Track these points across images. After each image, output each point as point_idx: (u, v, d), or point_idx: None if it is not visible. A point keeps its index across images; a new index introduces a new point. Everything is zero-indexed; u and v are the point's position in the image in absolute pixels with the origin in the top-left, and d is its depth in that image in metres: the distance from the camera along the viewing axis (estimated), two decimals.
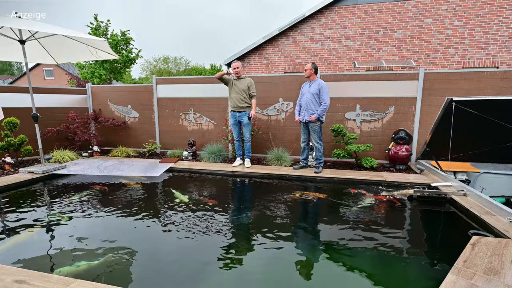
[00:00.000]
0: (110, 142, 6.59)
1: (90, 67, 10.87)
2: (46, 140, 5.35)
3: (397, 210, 3.26)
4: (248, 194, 4.16)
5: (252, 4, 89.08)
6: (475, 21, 8.55)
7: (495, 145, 3.90)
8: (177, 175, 4.77)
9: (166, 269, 2.10)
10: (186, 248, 2.43)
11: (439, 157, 4.30)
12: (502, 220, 2.60)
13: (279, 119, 5.64)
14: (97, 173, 4.57)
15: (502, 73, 4.62)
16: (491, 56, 8.60)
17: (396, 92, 5.06)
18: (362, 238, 2.53)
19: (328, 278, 2.02)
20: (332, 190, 3.99)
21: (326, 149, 5.04)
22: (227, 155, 5.63)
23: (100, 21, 10.90)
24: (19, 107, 5.39)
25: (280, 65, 10.29)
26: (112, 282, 1.76)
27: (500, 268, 1.83)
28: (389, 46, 9.28)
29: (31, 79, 4.63)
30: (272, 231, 2.65)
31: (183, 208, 3.21)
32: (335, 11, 9.50)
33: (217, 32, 77.40)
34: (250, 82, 4.77)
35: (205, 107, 6.02)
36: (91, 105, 6.63)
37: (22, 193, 3.82)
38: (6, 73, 50.27)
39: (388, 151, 4.94)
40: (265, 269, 2.12)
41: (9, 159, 4.70)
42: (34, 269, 1.91)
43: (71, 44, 4.79)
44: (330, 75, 5.34)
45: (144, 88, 6.40)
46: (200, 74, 31.64)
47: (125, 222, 2.89)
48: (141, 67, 35.31)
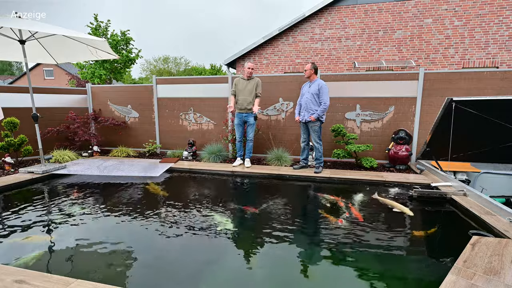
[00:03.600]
0: (110, 142, 6.59)
1: (90, 67, 10.86)
2: (46, 140, 5.35)
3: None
4: (249, 194, 4.16)
5: (252, 4, 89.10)
6: (475, 21, 8.55)
7: (495, 145, 3.89)
8: (177, 175, 4.77)
9: (167, 268, 2.10)
10: (187, 247, 2.43)
11: (439, 157, 4.30)
12: (502, 220, 2.60)
13: (279, 119, 5.64)
14: (97, 173, 4.56)
15: (502, 73, 4.61)
16: (491, 56, 8.59)
17: (396, 92, 5.06)
18: (361, 238, 2.52)
19: (328, 278, 2.02)
20: (333, 190, 3.99)
21: (326, 149, 5.04)
22: (227, 155, 5.63)
23: (100, 21, 10.89)
24: (19, 107, 5.39)
25: (280, 65, 10.29)
26: (112, 282, 1.76)
27: (500, 268, 1.83)
28: (389, 46, 9.27)
29: (31, 79, 4.63)
30: (273, 231, 2.65)
31: (184, 208, 3.21)
32: (335, 11, 9.50)
33: (217, 32, 77.45)
34: (257, 82, 4.83)
35: (205, 107, 6.02)
36: (91, 105, 6.63)
37: (22, 193, 3.82)
38: (6, 73, 50.27)
39: (388, 151, 4.94)
40: (265, 269, 2.12)
41: (9, 159, 4.70)
42: (33, 269, 1.91)
43: (71, 44, 4.79)
44: (330, 75, 5.34)
45: (144, 88, 6.40)
46: (200, 74, 31.62)
47: (125, 222, 2.89)
48: (141, 67, 35.33)
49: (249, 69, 4.76)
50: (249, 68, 4.76)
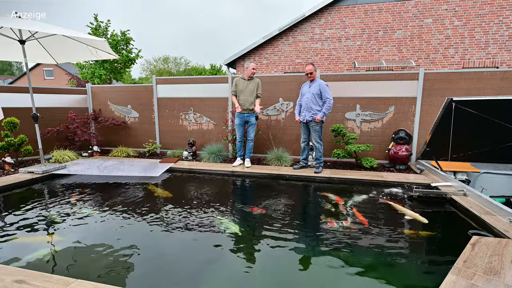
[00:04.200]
0: (110, 142, 6.59)
1: (90, 67, 10.87)
2: (46, 140, 5.35)
3: (397, 209, 3.25)
4: (249, 193, 4.16)
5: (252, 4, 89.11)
6: (475, 21, 8.55)
7: (495, 145, 3.89)
8: (177, 175, 4.77)
9: (167, 268, 2.10)
10: (187, 247, 2.43)
11: (439, 157, 4.30)
12: (502, 220, 2.60)
13: (279, 119, 5.64)
14: (97, 173, 4.56)
15: (502, 73, 4.61)
16: (491, 56, 8.60)
17: (396, 92, 5.06)
18: (361, 238, 2.52)
19: (328, 278, 2.02)
20: (334, 190, 3.99)
21: (326, 149, 5.04)
22: (227, 155, 5.63)
23: (100, 21, 10.90)
24: (19, 107, 5.39)
25: (280, 65, 10.29)
26: (112, 282, 1.76)
27: (500, 268, 1.83)
28: (389, 46, 9.28)
29: (31, 79, 4.63)
30: (273, 231, 2.65)
31: (184, 208, 3.21)
32: (335, 11, 9.50)
33: (217, 32, 77.48)
34: (258, 83, 4.86)
35: (205, 107, 6.02)
36: (91, 105, 6.63)
37: (22, 193, 3.82)
38: (6, 73, 50.27)
39: (388, 151, 4.94)
40: (266, 269, 2.12)
41: (9, 159, 4.70)
42: (34, 269, 1.91)
43: (71, 44, 4.79)
44: (330, 75, 5.34)
45: (144, 88, 6.40)
46: (200, 74, 31.62)
47: (125, 222, 2.88)
48: (141, 67, 35.34)
49: (253, 70, 4.78)
50: (253, 68, 4.78)
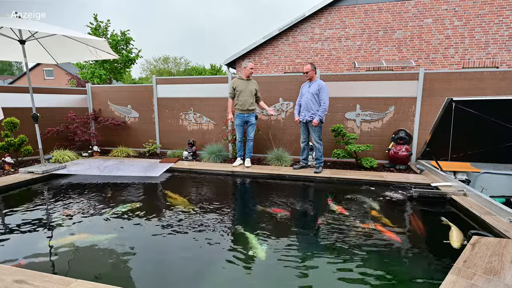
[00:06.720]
0: (110, 142, 6.59)
1: (90, 67, 10.86)
2: (46, 140, 5.35)
3: (397, 210, 3.26)
4: (249, 193, 4.16)
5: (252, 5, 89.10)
6: (475, 21, 8.55)
7: (495, 145, 3.89)
8: (177, 175, 4.77)
9: (167, 268, 2.10)
10: (187, 247, 2.43)
11: (439, 157, 4.30)
12: (502, 220, 2.60)
13: (279, 119, 5.64)
14: (97, 173, 4.56)
15: (502, 73, 4.61)
16: (491, 56, 8.60)
17: (396, 92, 5.06)
18: (361, 238, 2.53)
19: (328, 278, 2.01)
20: (334, 190, 3.99)
21: (326, 149, 5.04)
22: (227, 155, 5.63)
23: (100, 21, 10.89)
24: (19, 107, 5.39)
25: (280, 65, 10.29)
26: (112, 282, 1.76)
27: (500, 268, 1.83)
28: (389, 46, 9.28)
29: (31, 79, 4.63)
30: (274, 231, 2.65)
31: (184, 208, 3.21)
32: (335, 11, 9.50)
33: (217, 32, 77.50)
34: (256, 85, 4.89)
35: (205, 107, 6.02)
36: (91, 105, 6.63)
37: (22, 193, 3.82)
38: (6, 73, 50.26)
39: (388, 151, 4.94)
40: (267, 269, 2.12)
41: (9, 159, 4.70)
42: (34, 269, 1.91)
43: (71, 44, 4.79)
44: (330, 75, 5.34)
45: (144, 88, 6.40)
46: (200, 74, 31.63)
47: (125, 222, 2.89)
48: (141, 67, 35.38)
49: (251, 69, 4.77)
50: (251, 68, 4.77)
